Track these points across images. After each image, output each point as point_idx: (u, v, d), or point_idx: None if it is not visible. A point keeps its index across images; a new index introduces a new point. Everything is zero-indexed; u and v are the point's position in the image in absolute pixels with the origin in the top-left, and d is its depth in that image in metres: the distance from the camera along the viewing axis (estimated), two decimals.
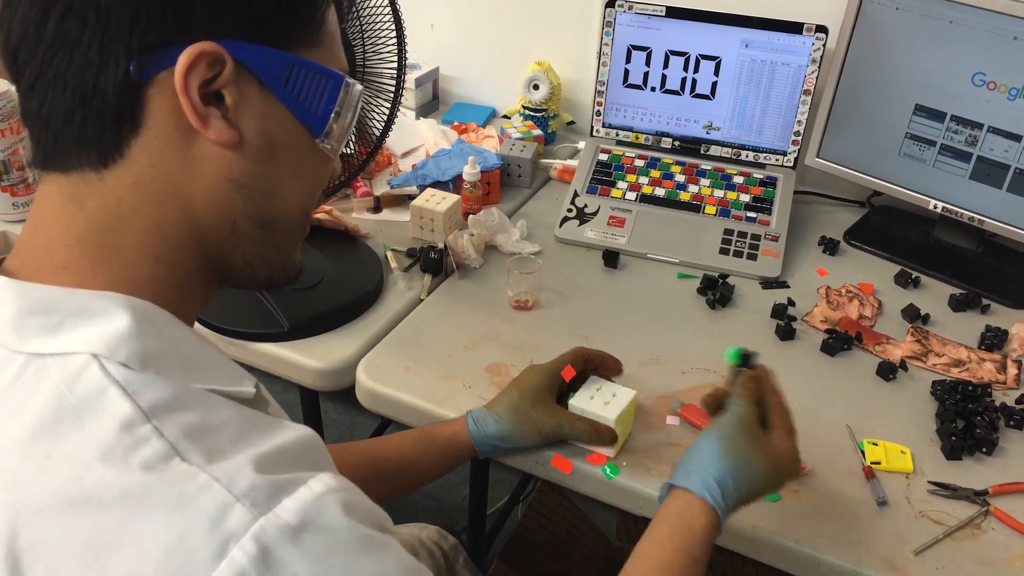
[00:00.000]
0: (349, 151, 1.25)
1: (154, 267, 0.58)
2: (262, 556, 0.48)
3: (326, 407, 2.23)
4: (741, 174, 1.50)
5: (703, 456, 0.80)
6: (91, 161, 0.56)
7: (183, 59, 0.53)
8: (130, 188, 0.57)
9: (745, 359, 0.89)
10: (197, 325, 1.17)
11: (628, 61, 1.51)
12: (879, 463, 1.02)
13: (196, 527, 0.48)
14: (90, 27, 0.53)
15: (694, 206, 1.45)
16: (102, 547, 0.48)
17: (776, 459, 0.82)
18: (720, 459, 0.79)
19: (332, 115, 0.62)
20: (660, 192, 1.48)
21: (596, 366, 1.04)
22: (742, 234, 1.41)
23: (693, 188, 1.48)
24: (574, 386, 1.02)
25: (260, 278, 0.66)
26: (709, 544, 0.77)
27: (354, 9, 1.14)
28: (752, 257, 1.37)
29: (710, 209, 1.45)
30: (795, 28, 1.41)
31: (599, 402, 0.98)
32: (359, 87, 0.65)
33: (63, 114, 0.55)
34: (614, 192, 1.48)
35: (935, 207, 1.40)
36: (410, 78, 1.76)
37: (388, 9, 1.13)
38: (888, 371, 1.15)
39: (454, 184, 1.48)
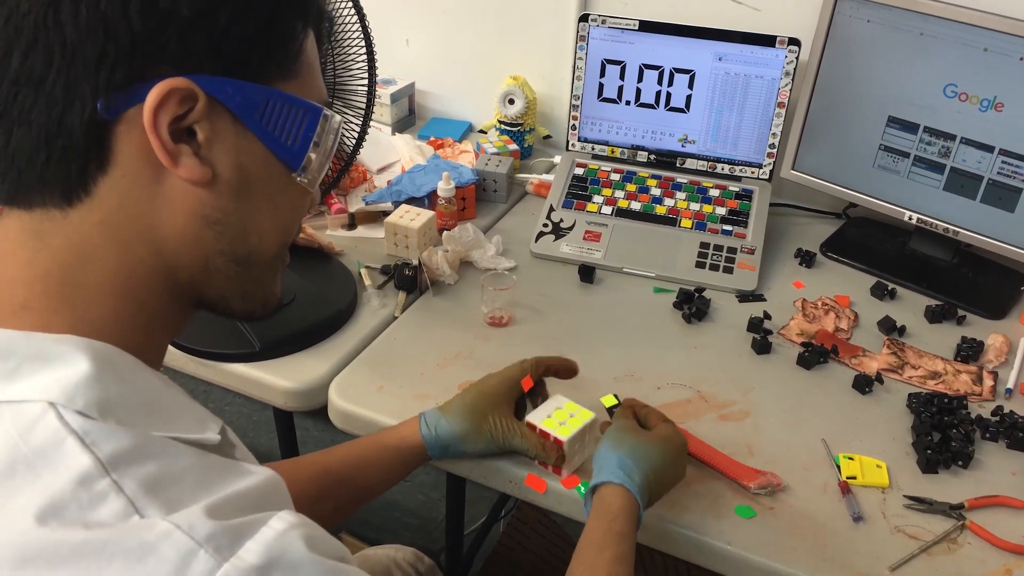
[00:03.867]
0: None
1: (119, 307, 0.57)
2: None
3: (306, 425, 2.21)
4: (717, 187, 1.50)
5: (602, 457, 0.91)
6: (55, 199, 0.54)
7: (152, 96, 0.52)
8: (96, 226, 0.55)
9: (616, 402, 1.04)
10: (170, 348, 1.16)
11: (602, 75, 1.51)
12: (855, 478, 1.01)
13: None
14: (55, 64, 0.51)
15: (670, 220, 1.45)
16: None
17: (660, 437, 0.93)
18: (613, 451, 0.90)
19: (310, 148, 0.61)
20: (636, 206, 1.47)
21: (555, 372, 1.04)
22: (718, 247, 1.40)
23: (669, 201, 1.48)
24: (534, 401, 1.02)
25: (237, 311, 0.65)
26: (630, 517, 0.85)
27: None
28: (728, 270, 1.37)
29: (686, 223, 1.44)
30: (768, 41, 1.42)
31: (555, 421, 0.98)
32: (338, 119, 0.63)
33: (28, 152, 0.53)
34: (590, 206, 1.48)
35: (910, 218, 1.40)
36: (385, 93, 1.75)
37: (358, 26, 1.13)
38: (864, 384, 1.15)
39: (429, 200, 1.47)
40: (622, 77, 1.50)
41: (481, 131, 1.80)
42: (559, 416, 0.98)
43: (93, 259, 0.55)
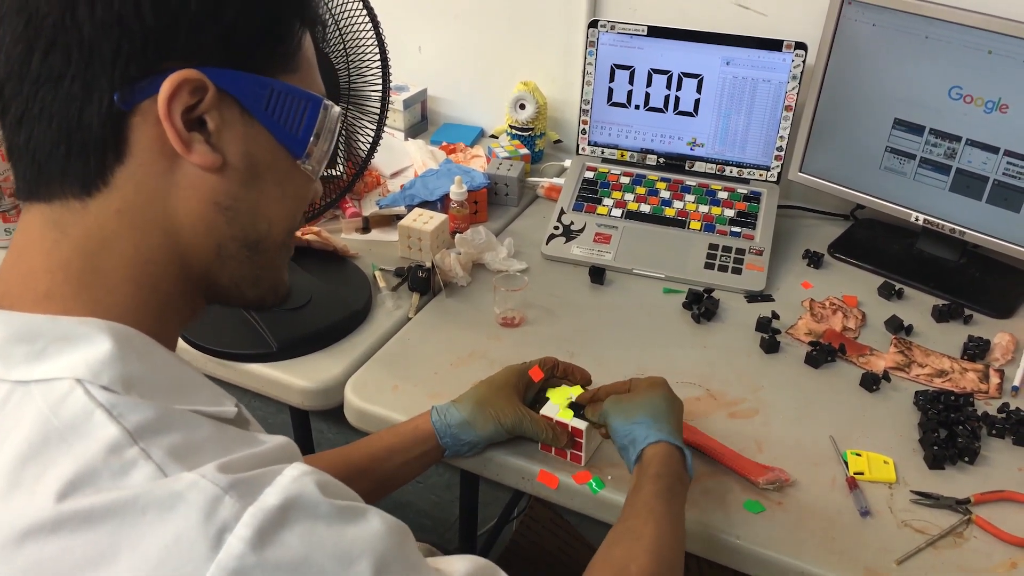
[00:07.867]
0: (336, 172, 1.27)
1: (136, 292, 0.60)
2: (257, 540, 0.50)
3: (320, 427, 2.24)
4: (725, 189, 1.52)
5: (623, 436, 0.94)
6: (75, 191, 0.57)
7: (166, 87, 0.55)
8: (114, 215, 0.58)
9: (577, 408, 1.02)
10: (185, 347, 1.18)
11: (612, 80, 1.53)
12: (862, 473, 1.03)
13: (190, 522, 0.49)
14: (74, 62, 0.54)
15: (679, 222, 1.47)
16: (98, 561, 0.49)
17: (646, 388, 0.99)
18: (628, 423, 0.94)
19: (312, 136, 0.64)
20: (645, 208, 1.49)
21: (564, 374, 1.07)
22: (727, 249, 1.42)
23: (678, 204, 1.50)
24: (544, 398, 1.05)
25: (249, 298, 0.68)
26: (664, 460, 0.89)
27: (338, 33, 1.16)
28: (737, 271, 1.39)
29: (695, 224, 1.46)
30: (775, 45, 1.44)
31: (570, 412, 1.01)
32: (337, 109, 0.67)
33: (48, 147, 0.56)
34: (600, 209, 1.50)
35: (917, 219, 1.42)
36: (398, 99, 1.78)
37: (372, 33, 1.15)
38: (871, 382, 1.17)
39: (442, 203, 1.49)
40: (631, 82, 1.52)
41: (492, 136, 1.82)
42: (573, 408, 1.01)
43: (111, 246, 0.58)
